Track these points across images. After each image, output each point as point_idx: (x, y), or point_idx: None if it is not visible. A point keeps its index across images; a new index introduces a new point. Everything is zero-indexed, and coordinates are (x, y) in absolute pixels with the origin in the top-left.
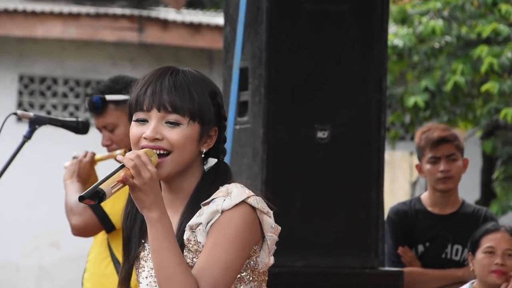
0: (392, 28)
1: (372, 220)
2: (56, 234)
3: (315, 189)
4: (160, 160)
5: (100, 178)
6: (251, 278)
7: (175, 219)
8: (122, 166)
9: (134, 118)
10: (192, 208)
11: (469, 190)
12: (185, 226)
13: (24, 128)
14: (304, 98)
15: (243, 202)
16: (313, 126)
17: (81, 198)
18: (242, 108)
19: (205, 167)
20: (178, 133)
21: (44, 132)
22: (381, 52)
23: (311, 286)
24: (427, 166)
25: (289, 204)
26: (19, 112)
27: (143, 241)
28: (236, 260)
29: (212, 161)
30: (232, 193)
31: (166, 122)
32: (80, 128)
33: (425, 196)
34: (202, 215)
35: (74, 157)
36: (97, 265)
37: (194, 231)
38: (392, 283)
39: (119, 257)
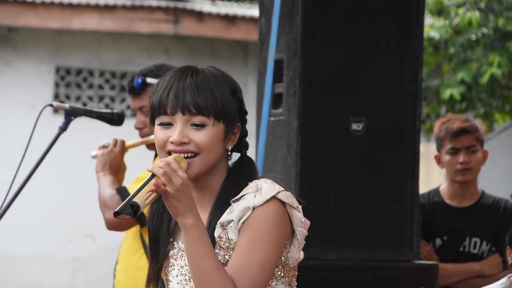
0: (428, 20)
1: (407, 213)
2: (92, 226)
3: (349, 182)
4: (188, 161)
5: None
6: (282, 274)
7: (204, 217)
8: (153, 176)
9: (157, 122)
10: (220, 205)
11: (506, 183)
12: (215, 224)
13: (60, 119)
14: (339, 90)
15: (274, 197)
16: (348, 118)
17: (116, 214)
18: (276, 100)
19: (230, 163)
20: (205, 135)
21: (80, 123)
22: (417, 44)
23: (345, 279)
24: (446, 157)
25: (323, 196)
26: (55, 103)
27: (171, 240)
28: (271, 258)
29: (235, 155)
30: (262, 189)
31: (191, 125)
32: (115, 119)
33: (443, 188)
34: (233, 212)
35: (104, 146)
36: (130, 257)
37: (225, 228)
38: (426, 276)
39: None
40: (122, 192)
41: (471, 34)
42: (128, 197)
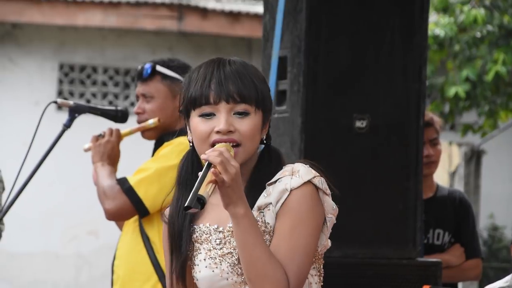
0: (433, 17)
1: (410, 211)
2: (94, 223)
3: (353, 179)
4: (235, 151)
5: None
6: (313, 260)
7: None
8: (209, 167)
9: (197, 113)
10: (253, 190)
11: (510, 180)
12: (251, 207)
13: (64, 116)
14: (343, 87)
15: (309, 181)
16: (352, 116)
17: (186, 208)
18: (280, 97)
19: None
20: (248, 124)
21: (84, 120)
22: (421, 41)
23: (348, 276)
24: None
25: None
26: (59, 100)
27: (192, 224)
28: (313, 243)
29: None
30: (299, 172)
31: (234, 113)
32: (119, 116)
33: None
34: (270, 195)
35: (100, 135)
36: (130, 252)
37: (262, 212)
38: (430, 273)
39: (156, 242)
40: (122, 182)
41: (476, 31)
42: (193, 190)
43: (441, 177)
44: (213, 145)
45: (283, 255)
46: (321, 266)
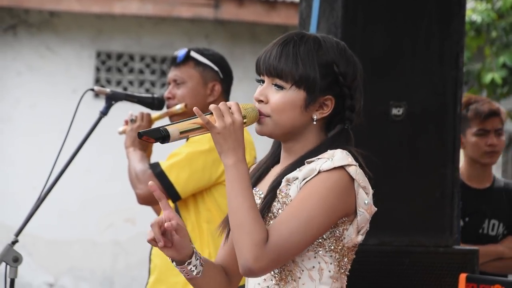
0: (470, 3)
1: (447, 198)
2: (131, 211)
3: (389, 167)
4: (261, 117)
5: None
6: (332, 247)
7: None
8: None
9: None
10: (296, 164)
11: None
12: (282, 178)
13: (100, 104)
14: (380, 75)
15: (342, 168)
16: (388, 103)
17: (139, 135)
18: None
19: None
20: (280, 97)
21: (121, 108)
22: (458, 27)
23: (385, 264)
24: (472, 139)
25: None
26: (96, 88)
27: (254, 187)
28: (317, 219)
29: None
30: (334, 157)
31: (273, 84)
32: (156, 104)
33: (461, 169)
34: (301, 171)
35: (132, 120)
36: None
37: (289, 184)
38: (466, 261)
39: (190, 231)
40: (154, 167)
41: None
42: (164, 125)
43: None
44: None
45: (280, 218)
46: (344, 258)
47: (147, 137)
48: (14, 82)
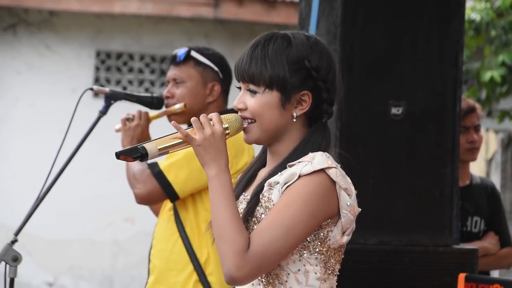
0: (470, 2)
1: (447, 198)
2: (131, 210)
3: (388, 166)
4: (247, 126)
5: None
6: (317, 249)
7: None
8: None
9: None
10: (280, 168)
11: None
12: (265, 182)
13: (100, 103)
14: (379, 74)
15: (323, 171)
16: (388, 102)
17: (117, 155)
18: None
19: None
20: (255, 101)
21: (120, 107)
22: (457, 27)
23: (384, 263)
24: None
25: (362, 180)
26: (95, 87)
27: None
28: (299, 225)
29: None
30: (314, 160)
31: (248, 90)
32: (155, 103)
33: None
34: (282, 175)
35: (128, 119)
36: (165, 241)
37: (271, 188)
38: (466, 261)
39: (189, 231)
40: (153, 167)
41: None
42: (142, 143)
43: (478, 164)
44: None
45: (262, 225)
46: (331, 259)
47: (124, 156)
48: (13, 81)
